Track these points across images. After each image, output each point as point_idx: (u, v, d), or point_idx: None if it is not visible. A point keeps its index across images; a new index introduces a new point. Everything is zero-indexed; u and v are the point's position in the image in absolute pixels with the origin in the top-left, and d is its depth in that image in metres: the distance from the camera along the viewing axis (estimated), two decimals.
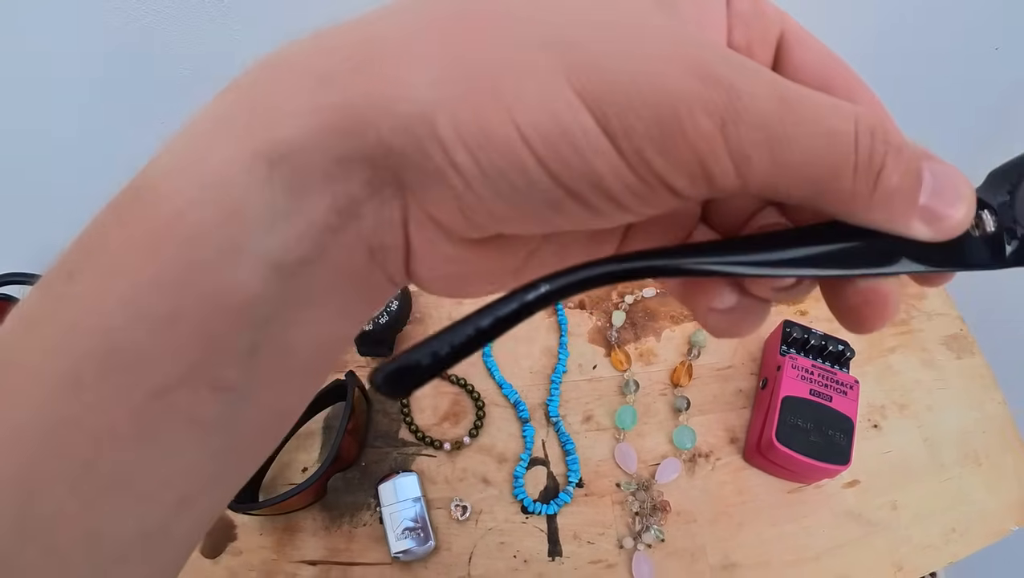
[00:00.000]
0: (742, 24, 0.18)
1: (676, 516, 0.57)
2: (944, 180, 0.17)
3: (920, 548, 0.59)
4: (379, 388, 0.15)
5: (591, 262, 0.17)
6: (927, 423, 0.65)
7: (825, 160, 0.15)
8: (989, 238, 0.19)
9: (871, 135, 0.16)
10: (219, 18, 0.63)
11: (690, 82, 0.14)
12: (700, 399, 0.62)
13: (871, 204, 0.16)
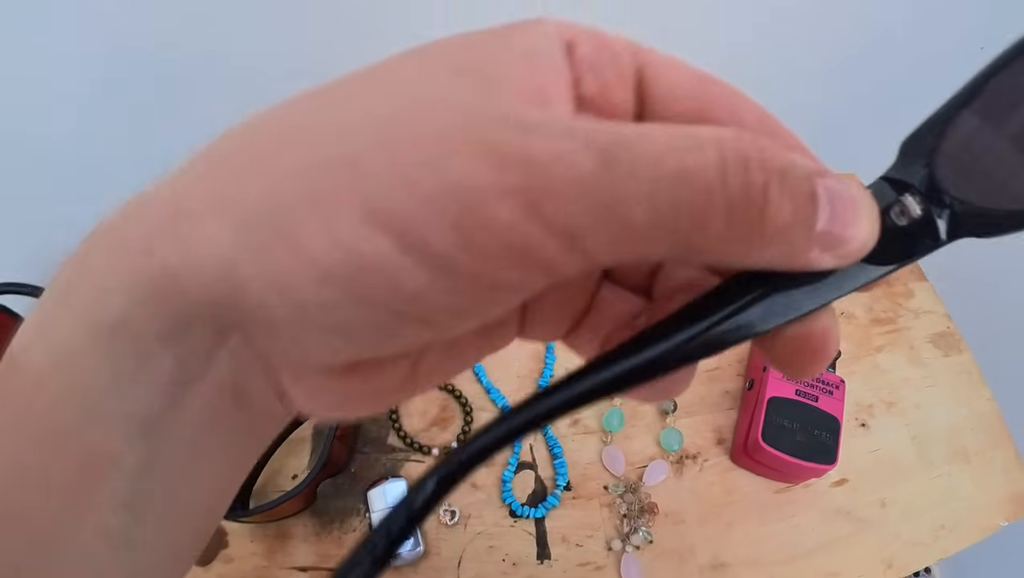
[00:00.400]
0: (590, 71, 0.16)
1: (664, 517, 0.56)
2: (840, 197, 0.15)
3: (910, 545, 0.59)
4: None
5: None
6: (915, 421, 0.65)
7: (680, 208, 0.13)
8: (920, 221, 0.17)
9: (744, 164, 0.13)
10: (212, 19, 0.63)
11: (482, 170, 0.12)
12: (687, 401, 0.62)
13: (761, 244, 0.14)
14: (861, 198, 0.15)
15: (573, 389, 0.16)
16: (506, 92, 0.14)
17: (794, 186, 0.14)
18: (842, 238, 0.15)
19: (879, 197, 0.17)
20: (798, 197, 0.14)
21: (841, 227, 0.15)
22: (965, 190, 0.17)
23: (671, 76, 0.17)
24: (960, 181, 0.17)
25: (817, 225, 0.14)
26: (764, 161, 0.14)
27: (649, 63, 0.17)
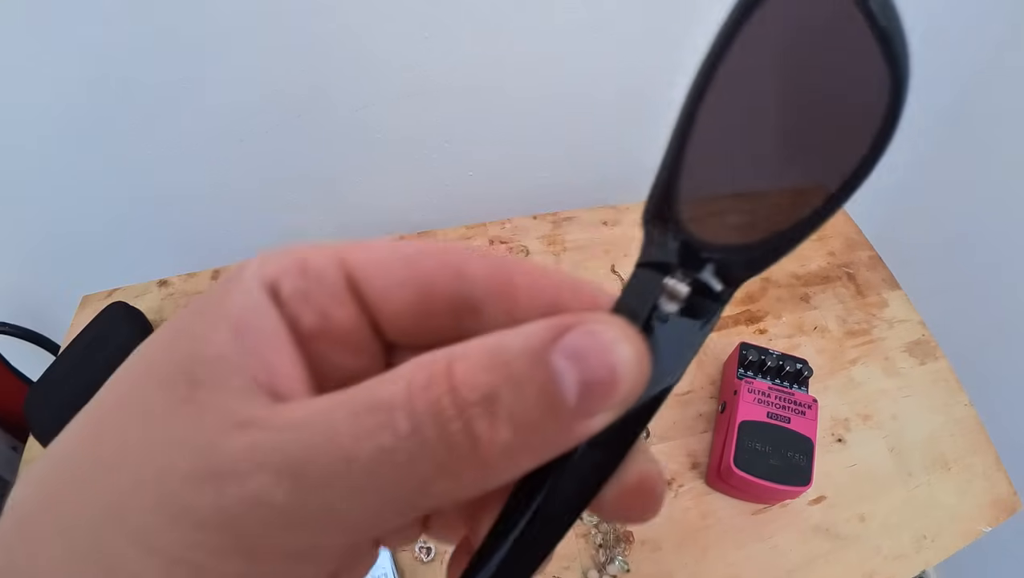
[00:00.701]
0: (303, 305, 0.16)
1: (641, 545, 0.56)
2: (589, 352, 0.13)
3: (891, 558, 0.58)
4: None
5: None
6: (892, 432, 0.64)
7: (385, 490, 0.13)
8: (691, 295, 0.16)
9: (436, 418, 0.12)
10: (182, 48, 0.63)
11: (176, 534, 0.13)
12: (661, 426, 0.61)
13: (497, 470, 0.13)
14: (613, 341, 0.13)
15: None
16: (213, 407, 0.14)
17: (513, 395, 0.13)
18: (604, 397, 0.13)
19: (641, 294, 0.16)
20: (522, 403, 0.13)
21: (599, 387, 0.13)
22: (720, 237, 0.16)
23: (378, 269, 0.16)
24: (711, 231, 0.16)
25: (568, 403, 0.13)
26: (459, 401, 0.13)
27: (356, 266, 0.16)
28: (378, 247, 0.17)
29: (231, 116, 0.70)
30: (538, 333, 0.13)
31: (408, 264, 0.17)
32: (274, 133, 0.72)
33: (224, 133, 0.71)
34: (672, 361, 0.16)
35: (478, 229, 0.76)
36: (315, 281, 0.16)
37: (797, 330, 0.69)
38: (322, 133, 0.74)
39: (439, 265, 0.17)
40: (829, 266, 0.75)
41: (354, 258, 0.16)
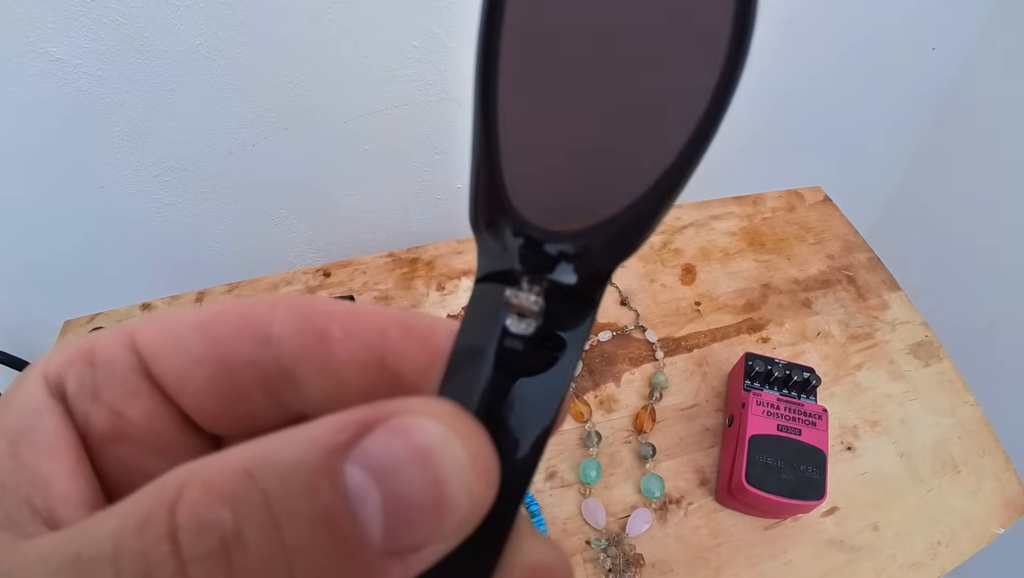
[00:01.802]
0: (93, 403, 0.13)
1: (651, 568, 0.52)
2: (398, 468, 0.09)
3: (907, 567, 0.55)
4: None
5: None
6: (901, 437, 0.61)
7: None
8: (552, 296, 0.12)
9: (143, 574, 0.09)
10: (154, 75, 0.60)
11: None
12: (666, 443, 0.57)
13: None
14: (436, 441, 0.09)
15: None
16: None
17: (275, 536, 0.09)
18: (429, 525, 0.09)
19: (484, 320, 0.12)
20: (292, 548, 0.09)
21: (420, 513, 0.09)
22: (567, 222, 0.12)
23: (171, 347, 0.13)
24: (554, 216, 0.12)
25: (372, 541, 0.09)
26: (180, 553, 0.09)
27: (146, 346, 0.13)
28: (172, 319, 0.14)
29: (218, 129, 0.66)
30: (323, 436, 0.09)
31: (203, 336, 0.13)
32: (261, 146, 0.69)
33: (213, 147, 0.68)
34: (543, 397, 0.12)
35: (469, 243, 0.72)
36: (104, 373, 0.13)
37: (800, 337, 0.66)
38: (310, 146, 0.71)
39: (236, 331, 0.13)
40: (829, 270, 0.71)
41: (145, 338, 0.13)
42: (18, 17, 0.53)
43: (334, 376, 0.13)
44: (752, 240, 0.73)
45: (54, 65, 0.56)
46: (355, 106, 0.68)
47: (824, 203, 0.78)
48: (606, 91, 0.12)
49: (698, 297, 0.68)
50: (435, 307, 0.66)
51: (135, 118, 0.62)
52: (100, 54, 0.57)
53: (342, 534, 0.09)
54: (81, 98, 0.59)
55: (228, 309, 0.14)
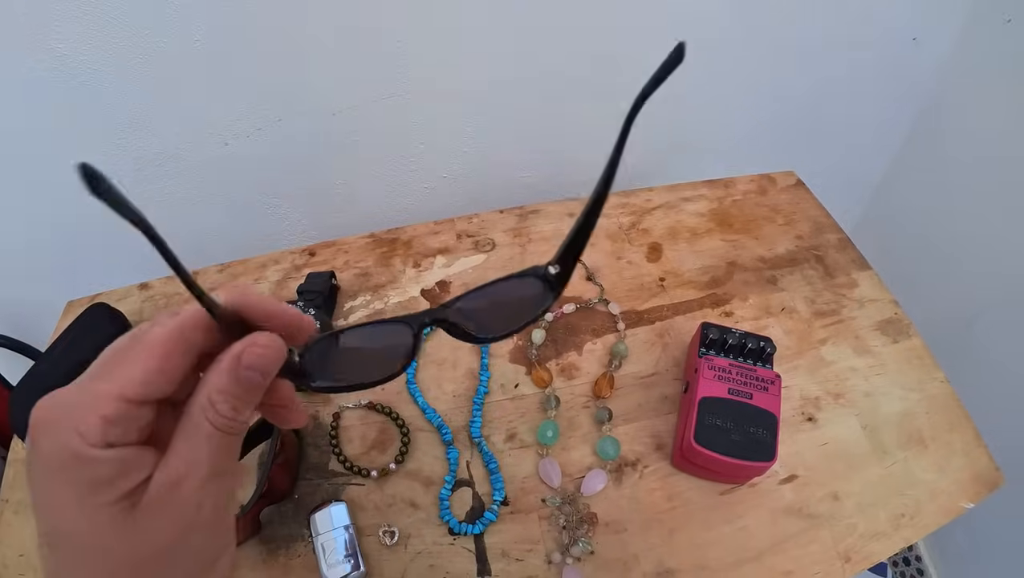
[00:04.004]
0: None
1: (605, 527, 0.51)
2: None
3: (867, 537, 0.53)
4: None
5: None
6: (865, 410, 0.59)
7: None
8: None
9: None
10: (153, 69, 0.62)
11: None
12: (624, 408, 0.57)
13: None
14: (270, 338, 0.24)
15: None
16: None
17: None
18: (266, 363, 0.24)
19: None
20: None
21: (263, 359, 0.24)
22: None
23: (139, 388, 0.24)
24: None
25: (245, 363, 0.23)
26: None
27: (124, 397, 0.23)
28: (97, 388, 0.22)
29: (215, 121, 0.68)
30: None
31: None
32: (255, 136, 0.71)
33: (210, 137, 0.70)
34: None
35: (446, 224, 0.73)
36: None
37: (764, 312, 0.65)
38: (302, 136, 0.72)
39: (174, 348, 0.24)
40: (797, 249, 0.70)
41: (110, 410, 0.21)
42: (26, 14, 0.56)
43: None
44: (721, 221, 0.73)
45: (59, 61, 0.59)
46: (343, 99, 0.70)
47: (796, 186, 0.77)
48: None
49: (663, 273, 0.67)
50: (411, 282, 0.67)
51: (135, 110, 0.65)
52: (102, 49, 0.59)
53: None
54: (83, 91, 0.61)
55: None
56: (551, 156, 0.82)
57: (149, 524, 0.22)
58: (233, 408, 0.23)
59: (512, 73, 0.72)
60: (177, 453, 0.22)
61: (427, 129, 0.75)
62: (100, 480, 0.21)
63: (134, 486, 0.21)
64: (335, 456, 0.55)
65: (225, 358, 0.23)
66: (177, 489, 0.22)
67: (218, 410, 0.22)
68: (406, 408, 0.57)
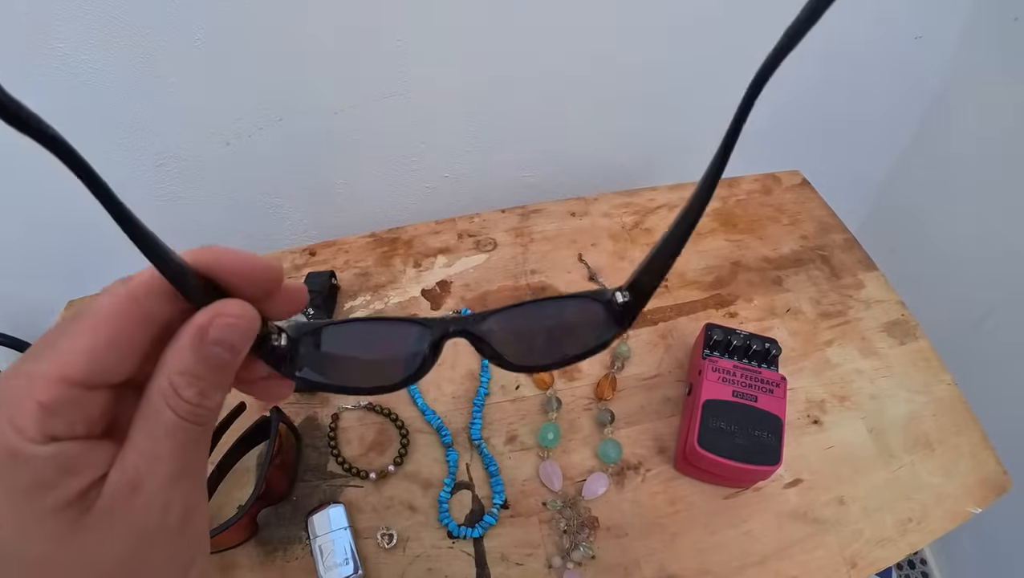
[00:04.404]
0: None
1: (606, 531, 0.50)
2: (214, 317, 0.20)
3: (874, 542, 0.52)
4: None
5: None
6: (871, 413, 0.58)
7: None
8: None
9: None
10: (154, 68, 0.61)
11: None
12: (626, 410, 0.56)
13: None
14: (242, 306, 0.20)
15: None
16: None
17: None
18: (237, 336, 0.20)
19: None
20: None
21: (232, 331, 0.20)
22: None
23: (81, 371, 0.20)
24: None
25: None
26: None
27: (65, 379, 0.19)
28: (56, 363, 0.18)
29: (216, 121, 0.67)
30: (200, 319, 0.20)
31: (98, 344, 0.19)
32: (257, 136, 0.70)
33: (211, 137, 0.69)
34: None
35: (447, 224, 0.72)
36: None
37: (769, 313, 0.64)
38: (303, 135, 0.71)
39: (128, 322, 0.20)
40: (802, 249, 0.69)
41: (49, 396, 0.17)
42: (27, 14, 0.55)
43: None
44: (725, 221, 0.71)
45: (61, 60, 0.58)
46: (345, 97, 0.69)
47: (802, 186, 0.76)
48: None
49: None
50: (411, 282, 0.66)
51: (136, 110, 0.64)
52: (103, 48, 0.58)
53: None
54: (84, 91, 0.60)
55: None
56: (553, 156, 0.81)
57: (103, 533, 0.18)
58: (199, 392, 0.19)
59: (513, 72, 0.71)
60: (135, 448, 0.18)
61: (428, 128, 0.74)
62: (40, 482, 0.17)
63: (83, 488, 0.18)
64: (333, 457, 0.54)
65: (185, 332, 0.19)
66: (137, 491, 0.18)
67: (181, 396, 0.19)
68: (405, 409, 0.56)
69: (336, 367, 0.24)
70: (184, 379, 0.19)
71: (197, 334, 0.19)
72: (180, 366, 0.19)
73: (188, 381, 0.19)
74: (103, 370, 0.18)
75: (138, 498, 0.18)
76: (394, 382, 0.24)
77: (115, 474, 0.18)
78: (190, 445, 0.19)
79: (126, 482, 0.18)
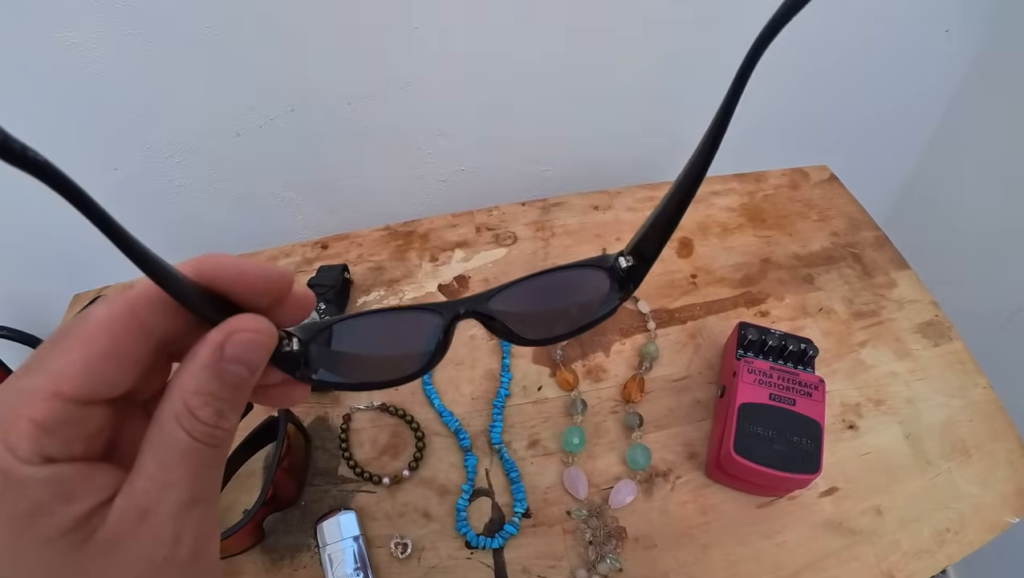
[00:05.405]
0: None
1: (634, 542, 0.46)
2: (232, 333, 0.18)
3: (911, 554, 0.48)
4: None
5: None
6: (907, 417, 0.54)
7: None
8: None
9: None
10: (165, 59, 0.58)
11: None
12: (655, 414, 0.52)
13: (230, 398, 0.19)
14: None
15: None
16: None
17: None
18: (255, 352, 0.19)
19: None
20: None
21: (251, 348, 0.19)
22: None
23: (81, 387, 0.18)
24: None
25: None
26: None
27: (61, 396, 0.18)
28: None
29: (226, 112, 0.64)
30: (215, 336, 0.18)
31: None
32: (268, 127, 0.66)
33: (221, 129, 0.65)
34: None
35: (464, 217, 0.68)
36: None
37: (801, 312, 0.59)
38: (315, 127, 0.67)
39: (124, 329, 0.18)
40: (833, 247, 0.65)
41: (41, 416, 0.16)
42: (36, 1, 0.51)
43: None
44: (752, 216, 0.67)
45: (71, 50, 0.54)
46: (358, 87, 0.65)
47: (830, 181, 0.72)
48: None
49: (694, 270, 0.62)
50: (427, 277, 0.62)
51: (147, 102, 0.60)
52: (114, 39, 0.55)
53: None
54: (96, 82, 0.57)
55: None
56: (572, 149, 0.77)
57: (107, 564, 0.16)
58: (216, 413, 0.18)
59: (534, 66, 0.67)
60: (145, 473, 0.17)
61: (445, 120, 0.70)
62: (36, 507, 0.15)
63: (83, 514, 0.16)
64: (345, 461, 0.50)
65: (202, 350, 0.18)
66: (145, 519, 0.17)
67: (197, 416, 0.17)
68: (421, 411, 0.52)
69: (351, 364, 0.23)
70: (200, 399, 0.17)
71: (214, 352, 0.18)
72: (195, 386, 0.17)
73: (204, 401, 0.17)
74: (99, 384, 0.17)
75: (146, 527, 0.17)
76: (412, 372, 0.23)
77: (121, 501, 0.17)
78: (204, 470, 0.18)
79: (134, 509, 0.17)
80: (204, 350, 0.18)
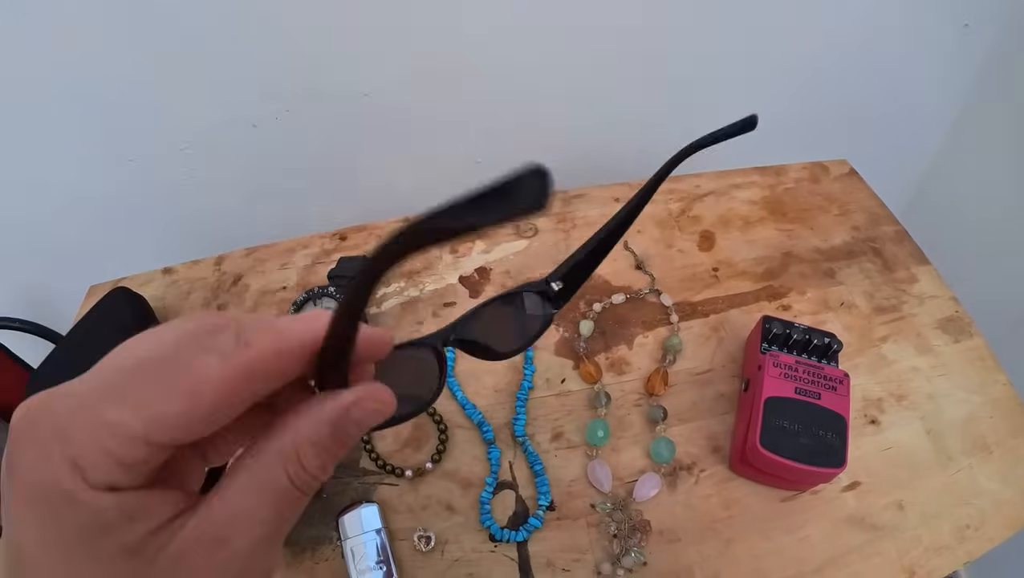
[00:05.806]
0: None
1: (658, 536, 0.46)
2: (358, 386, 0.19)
3: (932, 550, 0.47)
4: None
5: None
6: (929, 413, 0.53)
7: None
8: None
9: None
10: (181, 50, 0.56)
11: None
12: (679, 407, 0.51)
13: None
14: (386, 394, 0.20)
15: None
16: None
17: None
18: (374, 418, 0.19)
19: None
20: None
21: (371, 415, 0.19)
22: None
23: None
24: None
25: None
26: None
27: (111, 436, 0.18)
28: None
29: (242, 103, 0.63)
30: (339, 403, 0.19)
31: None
32: (284, 118, 0.65)
33: (238, 120, 0.64)
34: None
35: None
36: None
37: (822, 306, 0.59)
38: (332, 118, 0.67)
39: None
40: (853, 241, 0.64)
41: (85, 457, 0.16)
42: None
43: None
44: (773, 209, 0.66)
45: (86, 41, 0.54)
46: (375, 78, 0.64)
47: (850, 175, 0.71)
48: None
49: (716, 263, 0.61)
50: (448, 269, 0.61)
51: (163, 93, 0.59)
52: (130, 32, 0.54)
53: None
54: (111, 74, 0.56)
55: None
56: (593, 143, 0.76)
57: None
58: (322, 466, 0.18)
59: (555, 59, 0.66)
60: (230, 503, 0.17)
61: (463, 111, 0.69)
62: (101, 524, 0.15)
63: (147, 533, 0.16)
64: (366, 453, 0.49)
65: (329, 407, 0.18)
66: (222, 546, 0.17)
67: (305, 465, 0.18)
68: (444, 403, 0.52)
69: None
70: (313, 449, 0.18)
71: (342, 412, 0.18)
72: (314, 437, 0.18)
73: (316, 452, 0.18)
74: (189, 437, 0.17)
75: (221, 554, 0.17)
76: (430, 396, 0.27)
77: (199, 525, 0.17)
78: (290, 514, 0.18)
79: (211, 535, 0.17)
80: (332, 406, 0.18)
